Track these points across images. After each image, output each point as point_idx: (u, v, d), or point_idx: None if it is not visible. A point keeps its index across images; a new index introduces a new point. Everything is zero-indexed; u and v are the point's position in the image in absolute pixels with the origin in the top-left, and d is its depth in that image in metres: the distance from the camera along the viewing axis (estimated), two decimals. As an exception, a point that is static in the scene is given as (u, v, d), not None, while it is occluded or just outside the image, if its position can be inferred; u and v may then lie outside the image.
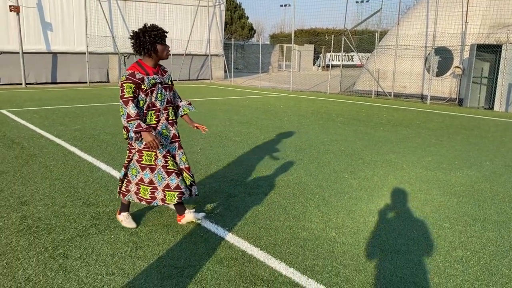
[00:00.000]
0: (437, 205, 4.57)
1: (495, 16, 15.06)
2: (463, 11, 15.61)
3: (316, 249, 3.47)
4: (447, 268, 3.21)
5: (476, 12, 15.34)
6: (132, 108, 3.39)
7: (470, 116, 12.14)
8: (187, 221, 3.87)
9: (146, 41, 3.41)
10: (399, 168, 6.07)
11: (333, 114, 11.72)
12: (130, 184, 3.68)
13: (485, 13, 15.30)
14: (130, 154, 3.64)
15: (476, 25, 15.35)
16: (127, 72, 3.45)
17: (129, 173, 3.68)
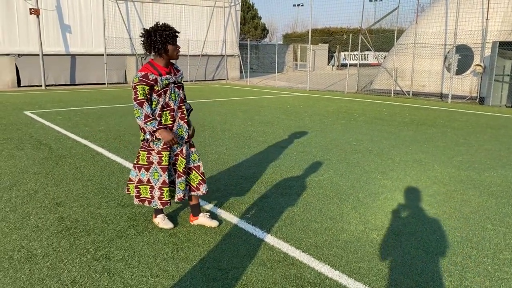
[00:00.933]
0: (475, 206, 4.47)
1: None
2: (483, 8, 15.35)
3: (358, 251, 3.41)
4: (497, 271, 3.12)
5: (497, 9, 15.07)
6: (148, 108, 3.39)
7: (494, 114, 11.92)
8: (199, 223, 3.86)
9: (157, 41, 3.38)
10: (430, 168, 5.96)
11: (354, 114, 11.61)
12: (154, 189, 3.64)
13: (506, 10, 15.02)
14: (150, 155, 3.59)
15: (497, 22, 15.09)
16: (140, 74, 3.41)
17: (151, 178, 3.62)
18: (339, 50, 40.52)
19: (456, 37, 15.28)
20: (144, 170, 3.63)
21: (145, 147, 3.60)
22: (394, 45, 18.59)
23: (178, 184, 3.68)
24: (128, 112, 11.42)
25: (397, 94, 17.84)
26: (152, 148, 3.56)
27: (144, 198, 3.70)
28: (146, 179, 3.64)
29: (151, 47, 3.42)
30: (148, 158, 3.59)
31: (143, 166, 3.63)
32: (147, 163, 3.61)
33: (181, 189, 3.69)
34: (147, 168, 3.62)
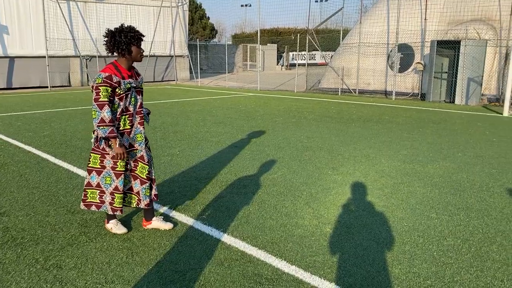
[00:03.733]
0: (420, 197, 4.71)
1: (452, 14, 15.70)
2: (421, 9, 16.16)
3: (313, 245, 3.50)
4: (441, 257, 3.32)
5: (434, 10, 15.92)
6: (107, 112, 3.29)
7: (434, 109, 12.59)
8: (153, 227, 3.79)
9: (121, 41, 3.34)
10: (377, 162, 6.21)
11: (304, 112, 11.85)
12: (104, 194, 3.54)
13: (442, 11, 15.91)
14: (103, 159, 3.48)
15: (434, 22, 15.94)
16: (104, 74, 3.32)
17: (102, 182, 3.52)
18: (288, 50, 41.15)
19: (398, 37, 15.98)
20: (95, 174, 3.52)
21: (98, 149, 3.48)
22: (340, 45, 19.16)
23: (144, 191, 3.61)
24: (74, 115, 10.99)
25: (344, 92, 18.39)
26: (107, 152, 3.45)
27: (91, 202, 3.59)
28: (96, 183, 3.54)
29: (114, 48, 3.36)
30: (102, 162, 3.48)
31: (95, 169, 3.52)
32: (99, 167, 3.51)
33: (147, 195, 3.63)
34: (98, 172, 3.52)
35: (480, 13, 15.05)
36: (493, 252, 3.38)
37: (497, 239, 3.62)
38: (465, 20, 15.33)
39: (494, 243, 3.54)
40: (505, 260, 3.25)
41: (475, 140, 7.90)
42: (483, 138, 8.11)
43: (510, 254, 3.35)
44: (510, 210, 4.31)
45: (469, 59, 13.72)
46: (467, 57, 13.72)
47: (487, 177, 5.45)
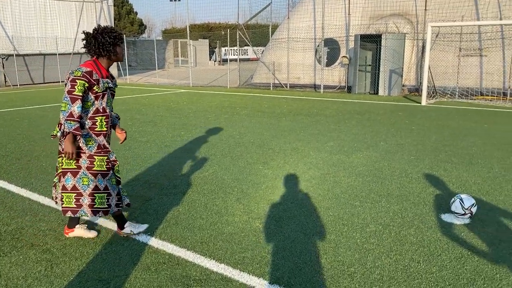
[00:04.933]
0: (345, 186, 4.89)
1: (374, 8, 16.47)
2: (345, 4, 16.79)
3: (243, 241, 3.51)
4: (364, 243, 3.47)
5: (357, 5, 16.61)
6: (78, 107, 3.14)
7: (360, 101, 13.17)
8: (76, 235, 3.61)
9: (106, 42, 3.25)
10: (306, 154, 6.37)
11: (237, 108, 11.87)
12: (82, 197, 3.30)
13: (364, 6, 16.64)
14: (79, 159, 3.25)
15: (357, 16, 16.64)
16: (84, 69, 3.20)
17: (78, 184, 3.28)
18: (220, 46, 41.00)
19: (324, 31, 16.48)
20: (71, 175, 3.28)
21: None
22: (270, 40, 19.41)
23: (122, 191, 3.51)
24: (-12, 120, 10.16)
25: (276, 87, 18.69)
26: (83, 151, 3.25)
27: (66, 208, 3.32)
28: (71, 185, 3.28)
29: (100, 49, 3.26)
30: (77, 162, 3.26)
31: (69, 170, 3.27)
32: (75, 167, 3.27)
33: (126, 195, 3.55)
34: (74, 173, 3.27)
35: (398, 8, 15.93)
36: (411, 235, 3.59)
37: (415, 223, 3.85)
38: (385, 14, 16.15)
39: (412, 227, 3.76)
40: (421, 242, 3.47)
41: (396, 129, 8.37)
42: (403, 127, 8.62)
43: (425, 236, 3.58)
44: (426, 194, 4.61)
45: (390, 52, 14.48)
46: (388, 50, 14.48)
47: (406, 164, 5.78)
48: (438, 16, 14.44)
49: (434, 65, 14.10)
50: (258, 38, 29.54)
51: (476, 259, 3.17)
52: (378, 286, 2.84)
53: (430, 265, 3.10)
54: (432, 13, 14.54)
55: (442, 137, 7.49)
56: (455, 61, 14.20)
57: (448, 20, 14.00)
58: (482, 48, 13.99)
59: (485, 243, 3.43)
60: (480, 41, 14.04)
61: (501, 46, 13.66)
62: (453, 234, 3.61)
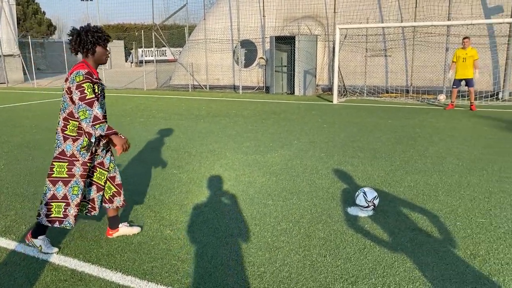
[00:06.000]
0: (259, 186, 4.95)
1: (287, 11, 16.94)
2: (260, 6, 17.09)
3: (152, 250, 3.39)
4: (275, 242, 3.52)
5: (271, 7, 16.98)
6: (98, 109, 3.03)
7: (277, 101, 13.47)
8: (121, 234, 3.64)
9: (87, 41, 3.17)
10: (223, 156, 6.36)
11: (153, 111, 11.56)
12: (69, 207, 3.21)
13: (278, 8, 17.06)
14: (72, 167, 3.16)
15: (272, 18, 17.01)
16: (83, 71, 3.07)
17: (69, 193, 3.19)
18: (136, 47, 39.76)
19: (240, 33, 16.63)
20: (62, 184, 3.19)
21: (63, 157, 3.17)
22: (187, 41, 19.18)
23: (99, 199, 3.41)
24: None
25: (196, 89, 18.51)
26: (77, 159, 3.16)
27: (55, 218, 3.22)
28: (62, 194, 3.20)
29: (79, 47, 3.19)
30: (70, 170, 3.18)
31: (61, 179, 3.19)
32: (66, 176, 3.18)
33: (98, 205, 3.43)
34: (65, 182, 3.19)
35: (310, 11, 16.53)
36: (319, 231, 3.71)
37: (323, 218, 3.99)
38: (298, 17, 16.68)
39: (320, 222, 3.90)
40: (328, 236, 3.60)
41: (309, 127, 8.67)
42: (316, 125, 8.95)
43: (332, 230, 3.72)
44: (335, 189, 4.80)
45: (303, 53, 14.98)
46: (301, 51, 14.97)
47: (317, 161, 6.00)
48: (346, 19, 15.22)
49: (344, 65, 14.83)
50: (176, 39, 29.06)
51: (378, 249, 3.35)
52: (286, 284, 2.89)
53: (336, 258, 3.22)
54: (340, 15, 15.29)
55: (351, 134, 7.89)
56: (363, 61, 15.06)
57: (355, 22, 14.81)
58: (387, 49, 14.99)
59: (386, 233, 3.65)
60: (385, 43, 15.04)
61: (403, 47, 14.74)
62: (358, 226, 3.79)
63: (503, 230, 3.65)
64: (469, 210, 4.12)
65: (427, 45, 14.03)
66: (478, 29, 13.21)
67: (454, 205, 4.24)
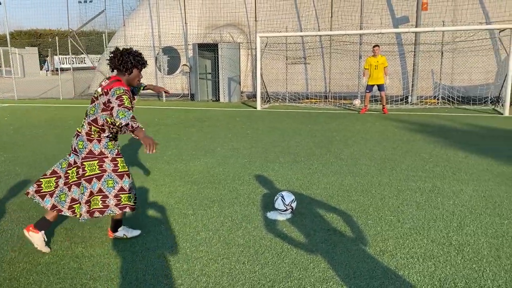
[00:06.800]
0: (180, 195, 4.87)
1: (209, 18, 16.97)
2: (181, 13, 16.94)
3: (61, 270, 3.18)
4: (194, 252, 3.47)
5: (193, 14, 16.90)
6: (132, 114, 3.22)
7: (202, 109, 13.39)
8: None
9: (128, 61, 3.43)
10: (142, 167, 6.17)
11: (69, 121, 10.94)
12: (107, 198, 3.42)
13: (200, 15, 17.03)
14: (102, 163, 3.40)
15: (194, 26, 16.93)
16: (123, 88, 3.33)
17: (104, 187, 3.41)
18: (52, 54, 37.53)
19: (161, 40, 16.35)
20: (96, 180, 3.41)
21: (92, 156, 3.39)
22: (106, 48, 18.47)
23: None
24: None
25: (117, 97, 17.83)
26: (106, 155, 3.43)
27: (94, 209, 3.42)
28: (98, 189, 3.40)
29: (120, 65, 3.43)
30: (101, 167, 3.42)
31: (94, 176, 3.40)
32: (99, 172, 3.41)
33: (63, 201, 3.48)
34: (99, 177, 3.41)
35: (232, 19, 16.70)
36: (239, 238, 3.72)
37: (243, 224, 4.01)
38: (220, 24, 16.77)
39: (240, 229, 3.91)
40: (247, 242, 3.62)
41: (233, 134, 8.71)
42: (240, 131, 9.02)
43: (251, 236, 3.75)
44: (255, 194, 4.86)
45: (226, 60, 15.07)
46: (225, 59, 15.05)
47: (239, 168, 6.03)
48: (267, 27, 15.56)
49: (266, 72, 15.14)
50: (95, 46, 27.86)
51: (295, 252, 3.43)
52: (203, 294, 2.85)
53: (254, 264, 3.25)
54: (261, 24, 15.61)
55: (273, 139, 8.05)
56: (284, 69, 15.49)
57: (275, 31, 15.20)
58: (306, 56, 15.56)
59: (303, 235, 3.75)
60: (304, 51, 15.59)
61: (321, 55, 15.39)
62: (277, 230, 3.86)
63: (409, 226, 3.91)
64: (379, 208, 4.37)
65: (342, 53, 14.77)
66: (387, 38, 14.17)
67: (366, 204, 4.48)
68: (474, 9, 13.77)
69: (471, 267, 3.14)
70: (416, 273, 3.08)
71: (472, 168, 5.78)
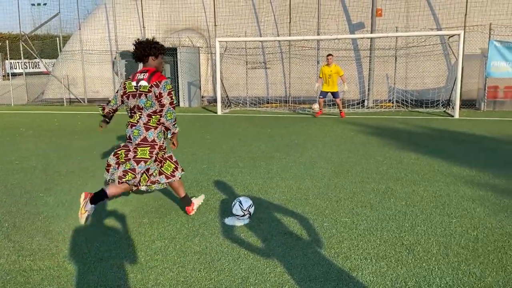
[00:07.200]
0: (135, 204, 4.76)
1: (168, 22, 16.79)
2: (139, 17, 16.66)
3: (7, 285, 3.03)
4: (148, 261, 3.40)
5: (151, 18, 16.67)
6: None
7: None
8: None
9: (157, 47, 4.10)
10: (97, 175, 5.99)
11: (21, 128, 10.50)
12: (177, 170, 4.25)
13: (158, 19, 16.82)
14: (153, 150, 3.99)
15: (153, 30, 16.69)
16: (168, 80, 4.00)
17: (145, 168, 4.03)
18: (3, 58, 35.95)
19: (119, 44, 16.01)
20: (143, 163, 3.97)
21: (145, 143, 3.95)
22: (61, 52, 17.90)
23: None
24: None
25: (73, 102, 17.32)
26: (156, 143, 4.00)
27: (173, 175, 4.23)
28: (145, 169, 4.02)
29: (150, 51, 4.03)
30: (151, 153, 3.98)
31: (143, 159, 3.97)
32: (149, 157, 3.98)
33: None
34: (146, 161, 3.97)
35: (191, 23, 16.60)
36: (195, 245, 3.68)
37: (200, 231, 3.97)
38: (179, 28, 16.64)
39: (197, 236, 3.87)
40: (204, 249, 3.58)
41: (193, 139, 8.63)
42: (199, 136, 8.95)
43: (209, 242, 3.72)
44: (214, 200, 4.83)
45: (186, 65, 14.96)
46: (184, 63, 14.92)
47: (198, 173, 5.98)
48: (226, 32, 15.57)
49: (227, 77, 15.14)
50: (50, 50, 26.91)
51: (252, 257, 3.43)
52: (157, 304, 2.80)
53: (210, 271, 3.22)
54: (221, 28, 15.60)
55: (233, 144, 8.04)
56: (244, 73, 15.53)
57: (234, 35, 15.22)
58: (266, 61, 15.68)
59: (260, 239, 3.75)
60: (264, 55, 15.71)
61: (281, 60, 15.55)
62: (234, 236, 3.85)
63: (363, 227, 4.00)
64: (335, 210, 4.45)
65: (301, 58, 14.99)
66: (344, 44, 14.51)
67: (322, 207, 4.55)
68: (425, 16, 14.35)
69: (421, 266, 3.25)
70: (369, 274, 3.15)
71: (424, 169, 5.99)
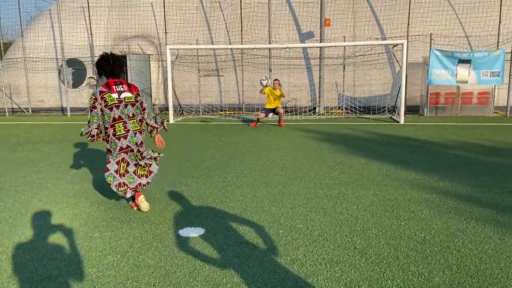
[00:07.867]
0: (86, 217, 4.58)
1: (116, 30, 16.40)
2: (86, 24, 16.17)
3: None
4: (100, 277, 3.27)
5: (99, 25, 16.23)
6: None
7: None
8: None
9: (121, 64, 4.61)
10: (43, 188, 5.72)
11: (-44, 141, 9.84)
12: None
13: (107, 26, 16.40)
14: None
15: (101, 37, 16.26)
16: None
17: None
18: None
19: (65, 51, 15.45)
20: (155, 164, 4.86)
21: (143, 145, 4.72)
22: (2, 60, 17.00)
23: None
24: None
25: (16, 112, 16.49)
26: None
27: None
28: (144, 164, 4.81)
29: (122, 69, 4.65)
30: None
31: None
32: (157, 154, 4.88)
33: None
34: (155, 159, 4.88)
35: (141, 30, 16.32)
36: (149, 258, 3.59)
37: (154, 244, 3.88)
38: (128, 36, 16.30)
39: (150, 249, 3.77)
40: (158, 263, 3.50)
41: (144, 149, 8.43)
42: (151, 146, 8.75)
43: (163, 255, 3.64)
44: (167, 212, 4.73)
45: (136, 72, 14.67)
46: (134, 71, 14.63)
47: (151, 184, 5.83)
48: (177, 39, 15.44)
49: (179, 84, 15.00)
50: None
51: (208, 269, 3.39)
52: (110, 322, 2.69)
53: (164, 285, 3.14)
54: (171, 36, 15.44)
55: (186, 153, 7.95)
56: (197, 81, 15.45)
57: (186, 43, 15.12)
58: (218, 69, 15.67)
59: (216, 250, 3.72)
60: (216, 63, 15.70)
61: (233, 68, 15.61)
62: (189, 247, 3.79)
63: (317, 233, 4.07)
64: (290, 217, 4.50)
65: (254, 66, 15.13)
66: (295, 52, 14.80)
67: (277, 214, 4.58)
68: (371, 26, 14.94)
69: (373, 269, 3.34)
70: (324, 279, 3.20)
71: (373, 174, 6.20)
